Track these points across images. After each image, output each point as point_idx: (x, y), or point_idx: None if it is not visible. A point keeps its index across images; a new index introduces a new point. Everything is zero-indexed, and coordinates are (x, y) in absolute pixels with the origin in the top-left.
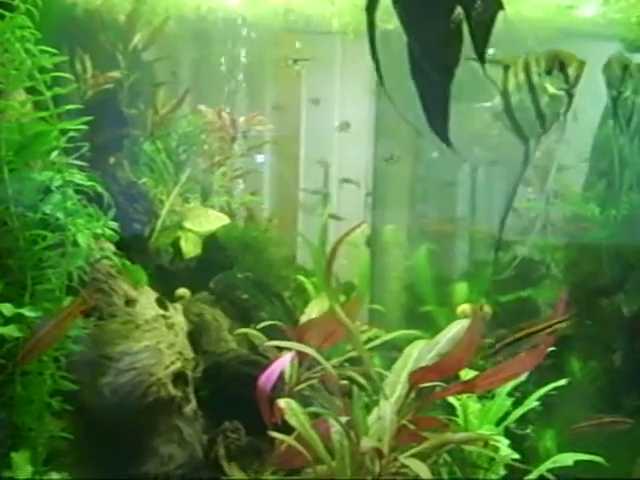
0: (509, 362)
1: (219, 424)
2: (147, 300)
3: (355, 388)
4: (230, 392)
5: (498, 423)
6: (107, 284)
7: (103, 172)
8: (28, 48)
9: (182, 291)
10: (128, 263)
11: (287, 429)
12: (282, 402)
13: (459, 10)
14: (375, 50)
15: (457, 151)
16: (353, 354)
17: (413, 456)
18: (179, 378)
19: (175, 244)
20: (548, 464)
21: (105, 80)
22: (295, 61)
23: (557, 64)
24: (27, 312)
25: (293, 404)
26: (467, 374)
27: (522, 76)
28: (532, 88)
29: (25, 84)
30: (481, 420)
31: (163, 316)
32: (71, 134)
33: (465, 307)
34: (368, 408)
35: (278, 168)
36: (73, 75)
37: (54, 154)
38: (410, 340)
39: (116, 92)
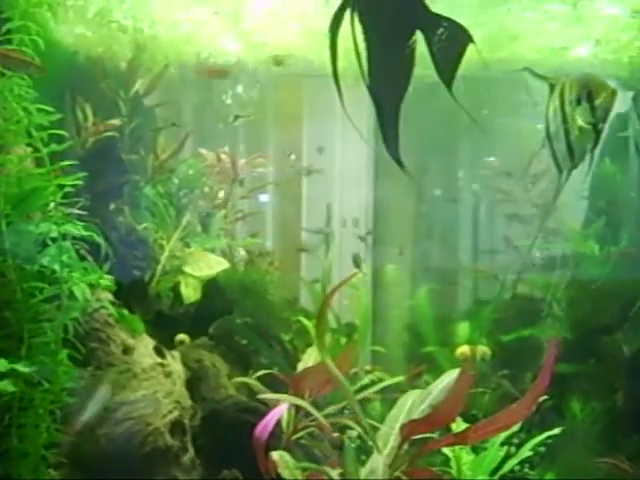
0: (501, 413)
1: (218, 473)
2: (145, 348)
3: (346, 440)
4: (229, 440)
5: (493, 473)
6: (105, 333)
7: (103, 219)
8: (25, 106)
9: (182, 337)
10: (125, 312)
11: None
12: (275, 455)
13: (416, 36)
14: (336, 70)
15: (409, 173)
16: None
17: None
18: (176, 427)
19: (175, 289)
20: None
21: (105, 128)
22: (236, 117)
23: (585, 94)
24: (21, 367)
25: (286, 457)
26: (459, 425)
27: (557, 102)
28: (564, 117)
29: (23, 141)
30: (475, 471)
31: (161, 364)
32: (72, 183)
33: (464, 349)
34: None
35: (281, 209)
36: (75, 123)
37: (51, 205)
38: None
39: (116, 139)
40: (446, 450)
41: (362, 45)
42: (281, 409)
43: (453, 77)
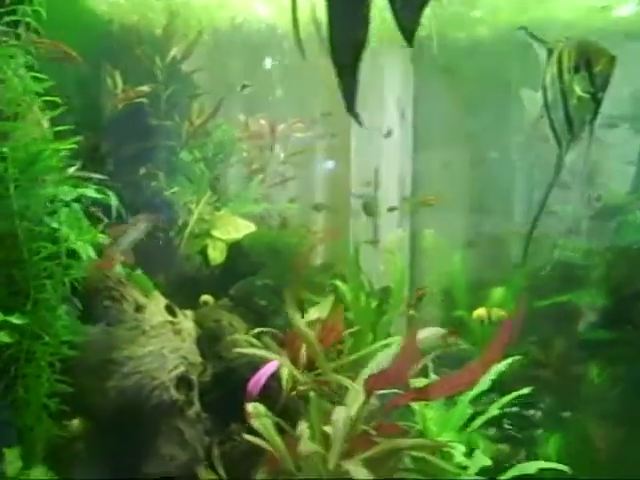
0: (460, 371)
1: (225, 427)
2: (156, 307)
3: (313, 394)
4: (238, 397)
5: (461, 429)
6: (118, 291)
7: (127, 183)
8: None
9: (205, 297)
10: (135, 272)
11: None
12: (250, 406)
13: None
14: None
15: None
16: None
17: (364, 461)
18: (182, 382)
19: (203, 251)
20: (512, 472)
21: (135, 94)
22: (244, 87)
23: (584, 62)
24: (15, 320)
25: (260, 408)
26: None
27: (555, 69)
28: (562, 86)
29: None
30: (442, 427)
31: (171, 322)
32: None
33: (480, 311)
34: None
35: (329, 173)
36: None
37: (73, 168)
38: None
39: (143, 105)
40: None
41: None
42: (271, 365)
43: (415, 30)
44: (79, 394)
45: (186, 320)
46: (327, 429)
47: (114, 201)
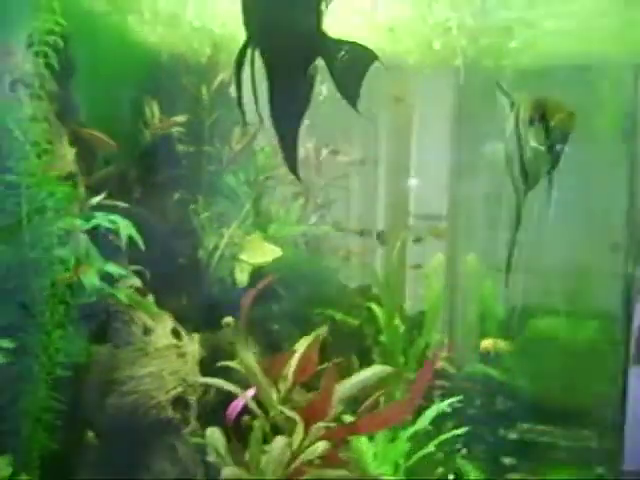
0: (390, 406)
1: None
2: (163, 330)
3: (256, 423)
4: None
5: (399, 465)
6: (128, 315)
7: (154, 209)
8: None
9: (228, 320)
10: (140, 299)
11: None
12: (208, 431)
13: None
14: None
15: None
16: None
17: None
18: (179, 402)
19: (231, 274)
20: None
21: (171, 123)
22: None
23: (539, 115)
24: (5, 344)
25: (216, 432)
26: None
27: (512, 122)
28: (519, 138)
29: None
30: (380, 461)
31: (175, 345)
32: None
33: (487, 342)
34: None
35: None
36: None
37: (98, 198)
38: None
39: (172, 134)
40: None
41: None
42: (249, 393)
43: (357, 95)
44: (83, 409)
45: (191, 343)
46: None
47: (124, 229)
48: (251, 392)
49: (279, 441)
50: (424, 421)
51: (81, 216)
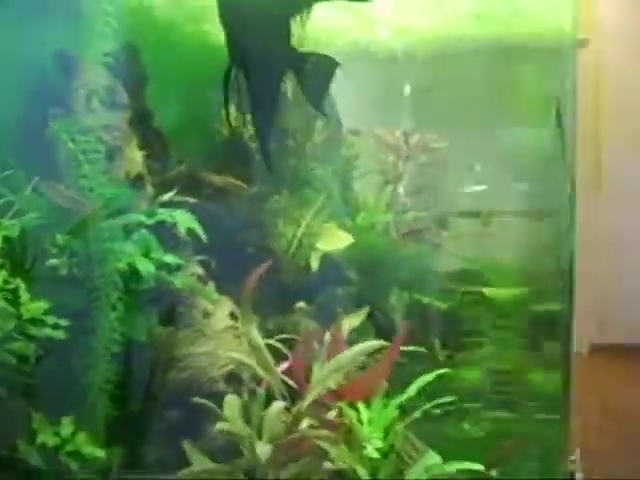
0: (365, 372)
1: None
2: (222, 313)
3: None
4: None
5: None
6: (189, 300)
7: (225, 204)
8: None
9: (300, 304)
10: (198, 285)
11: None
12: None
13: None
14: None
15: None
16: None
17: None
18: (232, 378)
19: (307, 262)
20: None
21: (246, 121)
22: None
23: None
24: (51, 331)
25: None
26: None
27: None
28: None
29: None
30: (372, 426)
31: (232, 327)
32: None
33: None
34: None
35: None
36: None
37: (169, 195)
38: None
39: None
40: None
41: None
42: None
43: (323, 98)
44: (145, 382)
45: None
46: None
47: (183, 223)
48: (284, 365)
49: (276, 405)
50: (411, 390)
51: (145, 212)
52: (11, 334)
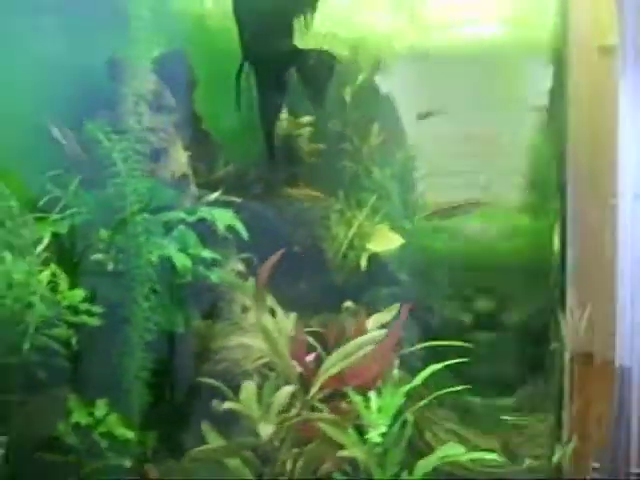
0: (368, 358)
1: None
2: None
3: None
4: None
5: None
6: (229, 294)
7: (273, 204)
8: None
9: (347, 304)
10: (236, 280)
11: None
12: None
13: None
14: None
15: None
16: None
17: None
18: (264, 369)
19: (357, 262)
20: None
21: (298, 124)
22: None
23: None
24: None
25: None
26: None
27: None
28: None
29: None
30: (380, 413)
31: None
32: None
33: None
34: None
35: None
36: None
37: (215, 194)
38: None
39: (300, 134)
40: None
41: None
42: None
43: (324, 96)
44: (181, 371)
45: (287, 321)
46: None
47: (223, 221)
48: (311, 357)
49: (283, 390)
50: (418, 379)
51: (186, 210)
52: (52, 321)
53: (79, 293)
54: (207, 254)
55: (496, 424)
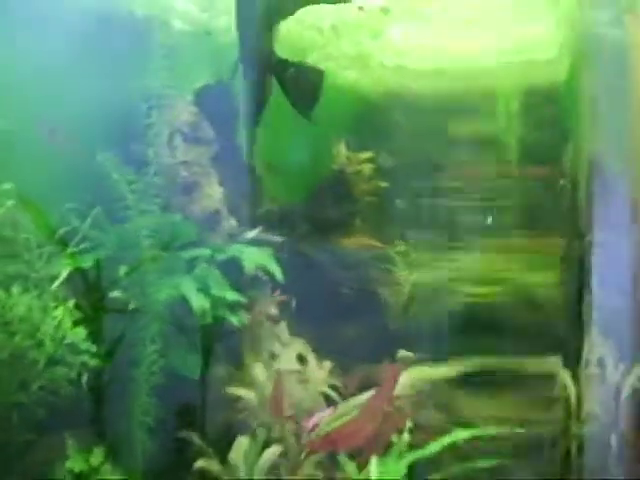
0: (356, 417)
1: None
2: (288, 355)
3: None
4: None
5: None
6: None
7: (320, 245)
8: None
9: (403, 353)
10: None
11: None
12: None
13: None
14: None
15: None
16: None
17: None
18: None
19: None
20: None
21: (357, 160)
22: None
23: None
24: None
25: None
26: None
27: None
28: None
29: None
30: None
31: (298, 371)
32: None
33: None
34: None
35: None
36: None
37: (254, 232)
38: None
39: (358, 171)
40: None
41: None
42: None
43: (313, 106)
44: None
45: (319, 370)
46: None
47: (252, 261)
48: (328, 411)
49: (270, 450)
50: (434, 447)
51: (213, 247)
52: (56, 358)
53: (81, 331)
54: (232, 296)
55: None
